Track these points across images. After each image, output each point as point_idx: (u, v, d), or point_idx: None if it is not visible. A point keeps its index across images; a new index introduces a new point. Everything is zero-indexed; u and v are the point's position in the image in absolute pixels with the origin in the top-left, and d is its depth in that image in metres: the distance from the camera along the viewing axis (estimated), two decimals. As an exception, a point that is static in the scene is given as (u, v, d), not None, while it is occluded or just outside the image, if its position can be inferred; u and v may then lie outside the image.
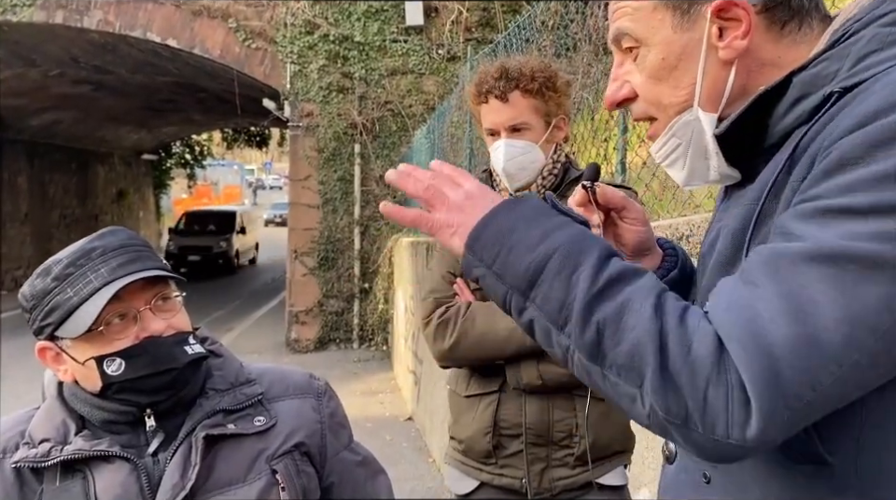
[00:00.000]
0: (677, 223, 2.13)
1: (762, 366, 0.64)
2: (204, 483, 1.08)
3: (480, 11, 9.67)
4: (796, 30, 0.81)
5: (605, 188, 0.95)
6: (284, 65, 10.01)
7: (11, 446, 1.09)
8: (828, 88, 0.74)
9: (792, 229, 0.68)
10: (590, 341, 0.71)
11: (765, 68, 0.81)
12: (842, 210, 0.65)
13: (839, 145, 0.67)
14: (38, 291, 1.09)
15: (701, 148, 0.84)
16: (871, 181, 0.64)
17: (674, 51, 0.83)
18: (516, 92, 1.77)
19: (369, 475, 1.27)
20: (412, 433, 6.13)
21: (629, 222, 0.98)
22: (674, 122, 0.85)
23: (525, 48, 4.17)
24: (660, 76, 0.84)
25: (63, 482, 1.05)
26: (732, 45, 0.80)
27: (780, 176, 0.74)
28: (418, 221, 0.84)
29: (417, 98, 9.90)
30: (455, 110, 6.02)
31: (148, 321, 1.09)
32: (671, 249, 1.02)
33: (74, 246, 1.11)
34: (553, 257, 0.74)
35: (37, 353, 1.12)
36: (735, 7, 0.79)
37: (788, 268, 0.66)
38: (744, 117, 0.79)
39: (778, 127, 0.78)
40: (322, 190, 10.13)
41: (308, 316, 10.15)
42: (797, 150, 0.73)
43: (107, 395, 1.09)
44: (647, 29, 0.84)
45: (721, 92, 0.82)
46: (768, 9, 0.80)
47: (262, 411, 1.16)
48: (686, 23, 0.82)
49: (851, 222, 0.65)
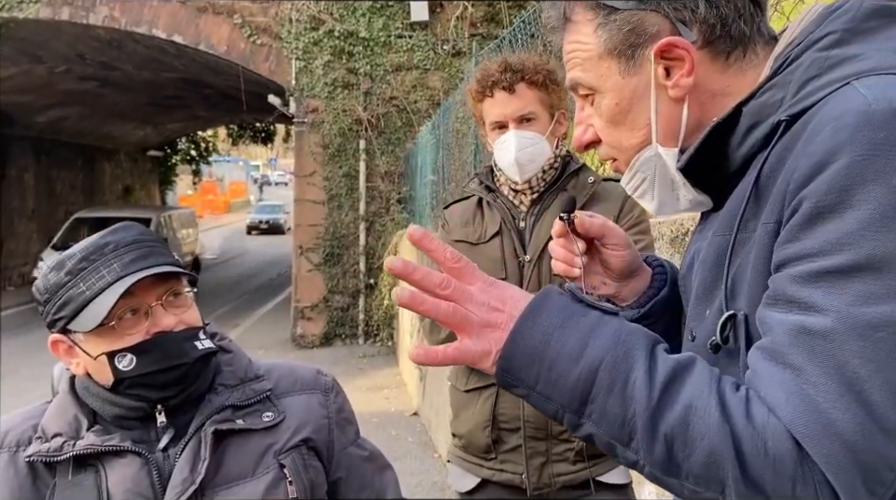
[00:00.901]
0: (681, 218, 2.13)
1: (841, 458, 0.63)
2: (214, 478, 1.09)
3: (485, 7, 9.66)
4: (741, 57, 0.83)
5: (582, 218, 0.96)
6: (289, 61, 10.02)
7: (25, 440, 1.11)
8: (775, 116, 0.75)
9: (802, 297, 0.67)
10: (660, 457, 0.69)
11: (717, 98, 0.83)
12: (843, 270, 0.64)
13: (808, 195, 0.67)
14: (52, 285, 1.10)
15: (667, 181, 0.87)
16: (856, 232, 0.64)
17: (625, 96, 0.85)
18: (522, 84, 1.78)
19: (376, 470, 1.29)
20: (417, 428, 6.15)
21: (611, 248, 0.99)
22: (635, 160, 0.87)
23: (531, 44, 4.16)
24: (616, 120, 0.86)
25: (75, 476, 1.07)
26: (679, 83, 0.82)
27: (748, 206, 0.75)
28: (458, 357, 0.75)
29: (422, 94, 9.90)
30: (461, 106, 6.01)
31: (160, 316, 1.10)
32: (659, 267, 1.02)
33: (87, 241, 1.12)
34: (600, 369, 0.70)
35: (50, 345, 1.14)
36: (676, 48, 0.81)
37: (823, 347, 0.65)
38: (702, 148, 0.80)
39: (737, 155, 0.80)
40: (327, 186, 10.14)
41: (314, 312, 10.18)
42: (760, 178, 0.75)
43: (119, 390, 1.10)
44: (597, 78, 0.86)
45: (677, 129, 0.84)
46: (710, 43, 0.82)
47: (270, 407, 1.17)
48: (632, 68, 0.84)
49: (858, 283, 0.64)
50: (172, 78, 13.64)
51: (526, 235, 1.84)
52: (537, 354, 0.72)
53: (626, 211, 1.80)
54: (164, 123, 19.88)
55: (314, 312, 10.19)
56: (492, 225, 1.87)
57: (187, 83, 14.05)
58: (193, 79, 13.48)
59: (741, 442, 0.66)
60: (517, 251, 1.83)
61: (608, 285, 1.01)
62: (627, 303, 1.01)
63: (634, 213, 1.80)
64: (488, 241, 1.85)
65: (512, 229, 1.85)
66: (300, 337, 10.12)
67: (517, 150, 1.78)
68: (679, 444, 0.68)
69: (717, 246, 0.81)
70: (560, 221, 0.97)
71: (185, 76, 13.18)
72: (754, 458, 0.65)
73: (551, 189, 1.84)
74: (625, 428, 0.70)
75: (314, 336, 10.13)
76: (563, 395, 0.72)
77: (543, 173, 1.83)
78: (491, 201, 1.89)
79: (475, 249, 1.85)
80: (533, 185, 1.84)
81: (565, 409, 0.73)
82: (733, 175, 0.81)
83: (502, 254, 1.83)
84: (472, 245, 1.86)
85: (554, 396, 0.72)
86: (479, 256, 1.85)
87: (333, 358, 8.86)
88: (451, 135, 6.53)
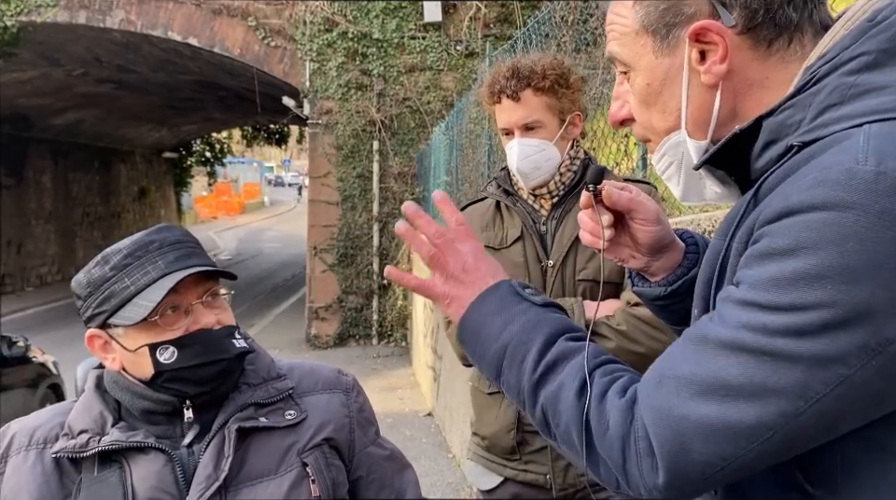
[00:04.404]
0: (698, 218, 2.12)
1: (671, 439, 0.72)
2: (237, 475, 1.10)
3: (498, 7, 9.65)
4: (785, 47, 0.79)
5: (610, 191, 0.95)
6: (303, 63, 10.07)
7: (52, 437, 1.12)
8: (790, 138, 0.74)
9: (725, 313, 0.72)
10: (539, 421, 0.84)
11: (753, 89, 0.80)
12: (763, 306, 0.69)
13: (768, 233, 0.70)
14: (96, 278, 1.12)
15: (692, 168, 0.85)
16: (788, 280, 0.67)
17: (657, 77, 0.83)
18: (528, 91, 1.77)
19: (396, 469, 1.29)
20: (431, 428, 6.15)
21: (639, 223, 0.97)
22: (664, 142, 0.86)
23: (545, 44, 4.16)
24: (648, 100, 0.85)
25: (100, 472, 1.09)
26: (712, 69, 0.79)
27: (743, 217, 0.76)
28: (420, 288, 0.93)
29: (435, 94, 9.91)
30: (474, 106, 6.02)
31: (200, 314, 1.13)
32: (693, 244, 1.01)
33: (132, 238, 1.15)
34: (507, 348, 0.85)
35: (86, 341, 1.16)
36: (709, 32, 0.78)
37: (712, 352, 0.72)
38: (720, 153, 0.80)
39: (756, 166, 0.80)
40: (341, 187, 10.18)
41: (328, 312, 10.22)
42: (759, 193, 0.76)
43: (157, 383, 1.12)
44: (632, 54, 0.84)
45: (707, 117, 0.82)
46: (751, 29, 0.78)
47: (293, 405, 1.18)
48: (666, 49, 0.81)
49: (771, 316, 0.68)
50: (187, 81, 13.74)
51: (548, 239, 1.83)
52: (475, 332, 0.88)
53: None
54: (179, 125, 20.03)
55: (328, 313, 10.23)
56: (513, 229, 1.86)
57: (202, 85, 14.15)
58: (208, 81, 13.58)
59: (590, 419, 0.78)
60: (539, 256, 1.82)
61: (637, 259, 1.00)
62: (656, 279, 1.01)
63: None
64: (510, 245, 1.84)
65: (534, 233, 1.84)
66: (314, 337, 10.16)
67: (519, 159, 1.78)
68: (550, 414, 0.82)
69: (713, 249, 0.81)
70: (587, 191, 0.96)
71: (200, 78, 13.28)
72: (597, 435, 0.78)
73: (571, 193, 1.83)
74: (520, 396, 0.85)
75: (328, 336, 10.17)
76: (488, 366, 0.88)
77: (560, 176, 1.82)
78: (510, 204, 1.88)
79: (497, 254, 1.84)
80: (552, 189, 1.83)
81: (490, 377, 0.89)
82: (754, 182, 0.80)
83: (525, 259, 1.82)
84: (494, 250, 1.85)
85: (483, 367, 0.89)
86: (501, 260, 1.82)
87: (347, 358, 8.88)
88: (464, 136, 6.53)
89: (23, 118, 14.87)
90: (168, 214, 23.23)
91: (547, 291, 1.79)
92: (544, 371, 0.82)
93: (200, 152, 25.21)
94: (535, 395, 0.83)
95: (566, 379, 0.81)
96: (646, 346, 1.68)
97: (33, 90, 13.46)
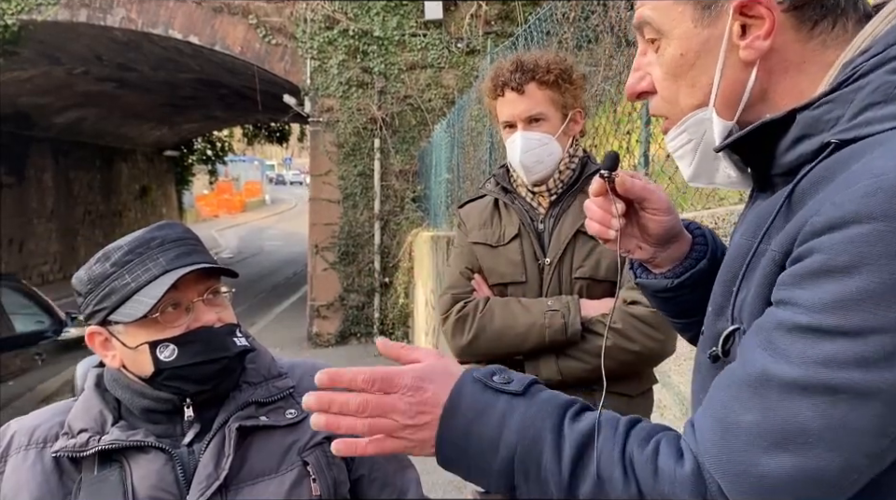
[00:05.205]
0: (701, 216, 2.11)
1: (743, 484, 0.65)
2: (238, 474, 1.10)
3: (499, 4, 9.64)
4: (828, 30, 0.75)
5: (624, 178, 0.90)
6: (304, 61, 10.06)
7: (52, 436, 1.12)
8: (827, 135, 0.71)
9: (781, 344, 0.66)
10: None
11: (789, 72, 0.76)
12: (827, 331, 0.63)
13: (820, 247, 0.64)
14: (96, 275, 1.11)
15: (710, 150, 0.81)
16: (854, 301, 0.62)
17: (693, 47, 0.78)
18: (532, 84, 1.77)
19: (397, 468, 1.29)
20: (433, 426, 6.15)
21: (651, 212, 0.93)
22: (687, 117, 0.82)
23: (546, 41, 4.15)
24: (677, 72, 0.80)
25: (101, 471, 1.08)
26: (753, 45, 0.75)
27: (777, 218, 0.72)
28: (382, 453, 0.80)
29: (437, 92, 9.90)
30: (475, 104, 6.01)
31: (201, 312, 1.12)
32: (701, 236, 0.98)
33: (133, 235, 1.14)
34: (515, 460, 0.74)
35: (87, 338, 1.15)
36: (758, 5, 0.74)
37: (777, 394, 0.65)
38: (744, 139, 0.76)
39: (783, 160, 0.76)
40: (342, 185, 10.18)
41: (329, 311, 10.22)
42: (794, 194, 0.71)
43: (157, 381, 1.11)
44: (667, 21, 0.80)
45: (738, 96, 0.78)
46: (798, 7, 0.74)
47: (293, 404, 1.18)
48: (707, 18, 0.77)
49: (832, 345, 0.63)
50: (188, 79, 13.74)
51: (545, 237, 1.82)
52: (461, 451, 0.76)
53: None
54: (180, 123, 20.03)
55: (329, 311, 10.23)
56: (510, 227, 1.85)
57: (202, 83, 14.14)
58: (209, 80, 13.57)
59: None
60: (536, 254, 1.81)
61: (643, 250, 0.97)
62: (662, 271, 0.98)
63: None
64: (508, 243, 1.84)
65: (531, 231, 1.83)
66: (315, 335, 10.17)
67: (522, 152, 1.78)
68: None
69: (739, 249, 0.78)
70: (600, 178, 0.91)
71: (201, 76, 13.27)
72: None
73: (569, 191, 1.82)
74: None
75: (329, 334, 10.18)
76: (495, 482, 0.76)
77: (560, 173, 1.81)
78: (508, 202, 1.87)
79: (495, 251, 1.84)
80: (550, 187, 1.82)
81: (502, 491, 0.76)
82: (778, 176, 0.77)
83: (522, 256, 1.82)
84: (492, 247, 1.85)
85: (487, 484, 0.77)
86: (499, 258, 1.84)
87: (349, 357, 8.89)
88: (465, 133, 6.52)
89: (24, 117, 14.87)
90: (169, 212, 23.25)
91: (544, 289, 1.79)
92: (571, 473, 0.72)
93: (201, 150, 25.21)
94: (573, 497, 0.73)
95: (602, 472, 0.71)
96: (641, 344, 1.68)
97: (34, 88, 13.46)
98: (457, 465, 0.78)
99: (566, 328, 1.70)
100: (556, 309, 1.73)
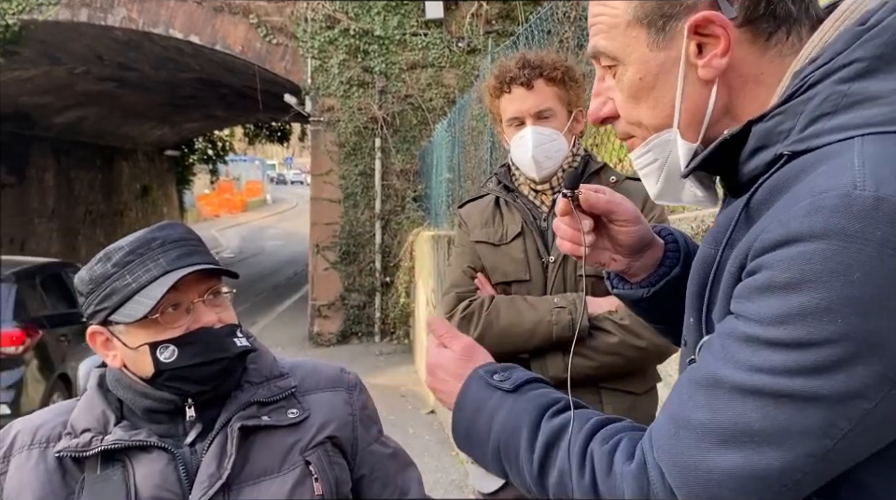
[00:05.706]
0: (703, 215, 2.11)
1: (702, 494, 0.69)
2: (240, 473, 1.10)
3: (500, 3, 9.64)
4: (783, 39, 0.76)
5: (587, 194, 0.92)
6: (304, 60, 10.06)
7: (55, 435, 1.12)
8: (779, 146, 0.72)
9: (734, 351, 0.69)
10: None
11: (748, 85, 0.77)
12: (774, 342, 0.66)
13: (767, 264, 0.67)
14: (98, 275, 1.12)
15: (676, 169, 0.82)
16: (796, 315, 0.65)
17: (651, 70, 0.78)
18: (540, 80, 1.78)
19: (399, 468, 1.29)
20: (434, 426, 6.16)
21: (619, 224, 0.95)
22: (651, 139, 0.82)
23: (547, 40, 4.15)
24: (638, 95, 0.81)
25: (103, 471, 1.08)
26: (711, 64, 0.76)
27: (736, 228, 0.74)
28: None
29: (437, 91, 9.89)
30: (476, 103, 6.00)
31: (201, 313, 1.12)
32: (673, 242, 0.99)
33: (134, 235, 1.15)
34: (500, 449, 0.85)
35: (88, 337, 1.16)
36: (712, 24, 0.74)
37: (727, 396, 0.69)
38: (708, 159, 0.77)
39: (743, 171, 0.77)
40: (343, 185, 10.18)
41: (330, 310, 10.23)
42: (750, 204, 0.73)
43: (157, 382, 1.11)
44: (622, 47, 0.80)
45: (701, 115, 0.78)
46: (751, 21, 0.75)
47: (295, 404, 1.18)
48: (662, 41, 0.77)
49: (782, 354, 0.66)
50: (188, 78, 13.74)
51: (549, 235, 1.82)
52: (467, 440, 0.90)
53: (648, 210, 1.78)
54: (181, 123, 20.03)
55: (330, 311, 10.24)
56: (513, 225, 1.85)
57: (203, 83, 14.14)
58: (210, 79, 13.57)
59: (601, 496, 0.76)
60: (540, 252, 1.81)
61: (617, 262, 0.99)
62: (637, 280, 0.99)
63: (655, 212, 1.79)
64: (510, 242, 1.84)
65: (534, 229, 1.83)
66: (316, 335, 10.17)
67: (534, 147, 1.77)
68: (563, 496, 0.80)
69: (704, 257, 0.79)
70: (563, 198, 0.93)
71: (201, 75, 13.27)
72: None
73: None
74: (531, 493, 0.84)
75: (330, 334, 10.18)
76: (493, 468, 0.88)
77: (563, 171, 1.81)
78: (510, 200, 1.87)
79: (497, 250, 1.84)
80: (553, 185, 1.82)
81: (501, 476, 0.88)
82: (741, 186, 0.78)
83: (525, 255, 1.82)
84: (494, 246, 1.85)
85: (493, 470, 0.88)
86: (501, 256, 1.84)
87: (350, 356, 8.89)
88: (466, 133, 6.52)
89: (25, 117, 14.87)
90: (170, 212, 23.25)
91: (548, 287, 1.79)
92: (540, 465, 0.81)
93: (202, 150, 25.20)
94: (543, 488, 0.82)
95: (563, 465, 0.79)
96: (648, 340, 1.68)
97: (34, 88, 13.46)
98: (468, 451, 0.90)
99: (573, 325, 1.70)
100: (563, 306, 1.73)
